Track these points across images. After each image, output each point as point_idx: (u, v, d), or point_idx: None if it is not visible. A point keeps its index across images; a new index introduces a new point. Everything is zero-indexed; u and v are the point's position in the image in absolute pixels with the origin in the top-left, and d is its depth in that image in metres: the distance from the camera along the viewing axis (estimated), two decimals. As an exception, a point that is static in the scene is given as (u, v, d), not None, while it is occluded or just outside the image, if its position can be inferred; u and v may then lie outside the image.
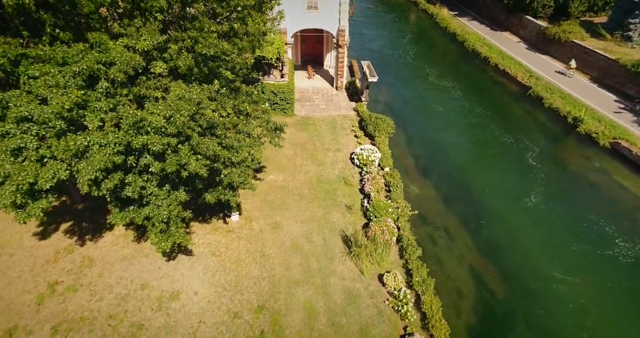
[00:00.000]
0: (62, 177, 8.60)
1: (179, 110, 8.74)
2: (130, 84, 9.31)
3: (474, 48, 36.33)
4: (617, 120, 23.90)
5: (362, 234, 15.32)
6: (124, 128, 8.37)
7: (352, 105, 25.34)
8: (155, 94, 9.57)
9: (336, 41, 25.17)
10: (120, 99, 8.84)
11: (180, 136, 9.06)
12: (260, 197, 17.44)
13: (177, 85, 9.77)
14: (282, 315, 12.53)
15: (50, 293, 12.44)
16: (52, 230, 14.63)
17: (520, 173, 21.07)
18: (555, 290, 14.37)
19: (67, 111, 7.96)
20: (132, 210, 10.29)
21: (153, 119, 8.42)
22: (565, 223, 17.58)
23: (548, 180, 20.32)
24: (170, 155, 9.07)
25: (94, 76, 8.45)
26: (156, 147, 8.38)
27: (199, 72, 10.07)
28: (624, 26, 29.48)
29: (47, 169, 8.42)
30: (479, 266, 15.38)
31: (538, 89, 28.16)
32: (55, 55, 8.37)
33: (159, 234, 10.27)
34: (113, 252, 14.10)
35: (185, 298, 12.73)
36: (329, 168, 19.76)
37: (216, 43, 9.87)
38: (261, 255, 14.58)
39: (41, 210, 9.06)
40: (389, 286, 13.43)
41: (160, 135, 8.62)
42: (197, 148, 9.35)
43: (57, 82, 8.18)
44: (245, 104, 11.85)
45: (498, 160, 22.54)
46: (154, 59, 9.41)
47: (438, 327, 11.97)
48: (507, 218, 17.71)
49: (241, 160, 11.64)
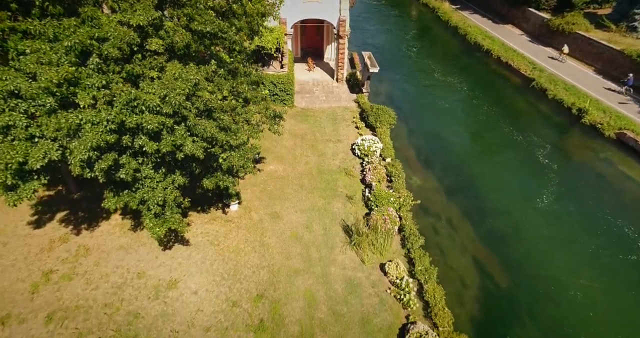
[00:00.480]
0: (53, 158, 8.31)
1: (175, 90, 8.43)
2: (123, 62, 9.00)
3: (476, 41, 35.95)
4: (623, 111, 23.54)
5: (363, 223, 15.03)
6: (117, 106, 8.07)
7: (353, 97, 25.02)
8: (151, 74, 9.26)
9: (337, 32, 24.82)
10: (113, 77, 8.53)
11: (176, 116, 8.76)
12: (260, 187, 17.16)
13: (173, 65, 9.46)
14: (282, 304, 12.25)
15: (45, 282, 12.17)
16: (47, 219, 14.36)
17: (524, 164, 20.73)
18: (560, 280, 14.06)
19: (56, 86, 7.65)
20: (126, 194, 10.01)
21: (148, 98, 8.11)
22: (570, 213, 17.26)
23: (553, 171, 19.99)
24: (165, 135, 8.77)
25: (86, 52, 8.15)
26: (151, 125, 8.08)
27: (196, 49, 9.74)
28: (629, 17, 29.08)
29: (38, 149, 8.14)
30: (482, 256, 15.07)
31: (541, 80, 27.79)
32: (45, 30, 8.07)
33: (154, 219, 9.98)
34: (109, 241, 13.82)
35: (182, 287, 12.46)
36: (330, 158, 19.47)
37: (213, 19, 9.56)
38: (260, 245, 14.30)
39: (32, 192, 8.78)
40: (391, 275, 13.14)
41: (155, 114, 8.32)
42: (193, 129, 9.04)
43: (50, 60, 7.87)
44: (244, 85, 11.52)
45: (502, 152, 22.20)
46: (149, 36, 9.10)
47: (441, 316, 11.68)
48: (511, 209, 17.39)
49: (240, 143, 11.34)
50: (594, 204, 17.79)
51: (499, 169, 20.46)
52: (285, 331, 11.44)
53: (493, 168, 20.52)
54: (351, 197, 16.98)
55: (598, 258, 15.06)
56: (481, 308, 13.14)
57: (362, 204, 16.69)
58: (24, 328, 10.91)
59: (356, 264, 13.87)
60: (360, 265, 13.81)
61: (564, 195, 18.36)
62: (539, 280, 14.08)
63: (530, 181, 19.45)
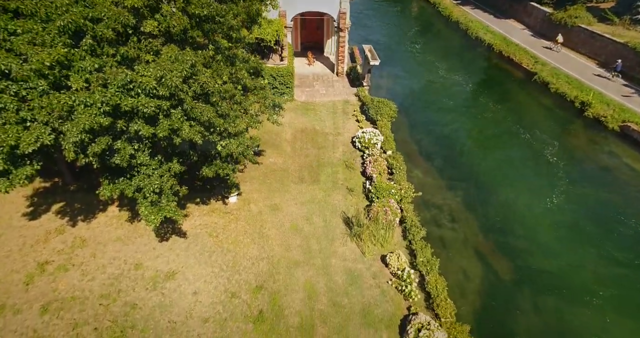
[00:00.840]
0: (46, 142, 8.09)
1: (171, 71, 8.20)
2: (118, 45, 8.76)
3: (478, 35, 35.66)
4: (626, 104, 23.27)
5: (364, 214, 14.81)
6: (112, 88, 7.84)
7: (353, 91, 24.77)
8: (146, 57, 9.02)
9: (337, 25, 24.57)
10: (107, 60, 8.30)
11: (172, 99, 8.53)
12: (259, 179, 16.94)
13: (170, 49, 9.23)
14: (282, 295, 12.03)
15: (40, 273, 11.97)
16: (42, 211, 14.15)
17: (527, 157, 20.50)
18: (565, 270, 13.84)
19: (48, 68, 7.43)
20: (122, 182, 9.79)
21: (144, 80, 7.88)
22: (574, 205, 17.03)
23: (556, 165, 19.75)
24: (162, 119, 8.54)
25: (79, 34, 7.92)
26: (147, 108, 7.85)
27: (192, 33, 9.50)
28: (633, 9, 28.77)
29: (30, 132, 7.92)
30: (485, 249, 14.85)
31: (543, 74, 27.52)
32: (37, 9, 7.84)
33: (149, 207, 9.76)
34: (106, 233, 13.61)
35: (180, 278, 12.25)
36: (330, 151, 19.24)
37: (209, 2, 9.32)
38: (260, 236, 14.08)
39: (25, 178, 8.57)
40: (392, 266, 12.92)
41: (151, 97, 8.09)
42: (190, 113, 8.81)
43: (42, 41, 7.64)
44: (244, 71, 11.28)
45: (504, 146, 21.96)
46: (144, 18, 8.86)
47: (443, 307, 11.46)
48: (514, 201, 17.16)
49: (238, 132, 11.11)
50: (598, 196, 17.54)
51: (501, 163, 20.23)
52: (284, 322, 11.24)
53: (495, 161, 20.29)
54: (352, 189, 16.75)
55: (603, 249, 14.83)
56: (483, 300, 12.92)
57: (363, 196, 16.47)
58: (19, 319, 10.72)
59: (357, 256, 13.65)
60: (361, 257, 13.59)
61: (568, 188, 18.11)
62: (541, 272, 13.86)
63: (533, 174, 19.23)
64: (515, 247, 14.86)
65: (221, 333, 10.79)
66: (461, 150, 21.04)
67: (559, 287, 13.28)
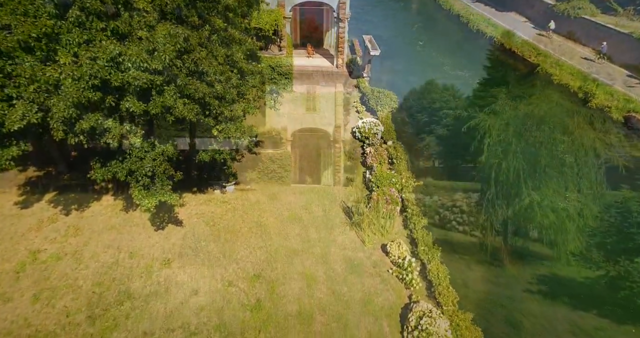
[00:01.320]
0: (33, 120, 7.78)
1: (165, 45, 7.87)
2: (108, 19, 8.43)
3: (479, 28, 35.28)
4: (631, 94, 22.91)
5: (364, 203, 14.50)
6: (100, 62, 7.52)
7: (353, 82, 24.45)
8: (139, 34, 8.69)
9: (337, 15, 24.20)
10: (96, 34, 7.98)
11: (165, 75, 8.20)
12: (257, 169, 16.64)
13: (163, 26, 8.90)
14: (280, 283, 11.73)
15: (32, 262, 11.67)
16: (35, 200, 13.86)
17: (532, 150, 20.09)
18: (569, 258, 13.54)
19: (34, 40, 7.11)
20: (114, 165, 9.48)
21: (134, 53, 7.55)
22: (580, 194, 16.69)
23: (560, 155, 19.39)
24: (155, 96, 8.22)
25: (66, 4, 7.60)
26: (138, 81, 7.52)
27: (187, 12, 9.17)
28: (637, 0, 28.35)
29: (16, 110, 7.61)
30: (488, 239, 14.53)
31: (546, 66, 27.15)
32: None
33: (143, 191, 9.45)
34: (101, 222, 13.32)
35: (176, 266, 11.95)
36: (329, 141, 18.93)
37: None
38: (257, 225, 13.78)
39: (11, 158, 8.27)
40: (393, 255, 12.61)
41: (142, 71, 7.77)
42: (185, 89, 8.49)
43: (25, 10, 7.32)
44: (240, 53, 10.95)
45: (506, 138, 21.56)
46: (135, -7, 8.55)
47: (445, 295, 11.15)
48: (518, 190, 16.81)
49: (235, 116, 10.80)
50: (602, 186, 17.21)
51: (504, 155, 19.85)
52: (283, 310, 10.93)
53: (499, 152, 19.92)
54: (352, 179, 16.46)
55: (610, 238, 14.51)
56: (486, 288, 12.61)
57: (363, 186, 16.16)
58: (10, 307, 10.42)
59: (357, 245, 13.34)
60: (361, 246, 13.28)
61: (573, 176, 17.77)
62: (545, 258, 13.56)
63: (538, 165, 18.85)
64: (519, 235, 14.54)
65: (217, 322, 10.49)
66: (466, 140, 20.67)
67: (562, 274, 12.96)
